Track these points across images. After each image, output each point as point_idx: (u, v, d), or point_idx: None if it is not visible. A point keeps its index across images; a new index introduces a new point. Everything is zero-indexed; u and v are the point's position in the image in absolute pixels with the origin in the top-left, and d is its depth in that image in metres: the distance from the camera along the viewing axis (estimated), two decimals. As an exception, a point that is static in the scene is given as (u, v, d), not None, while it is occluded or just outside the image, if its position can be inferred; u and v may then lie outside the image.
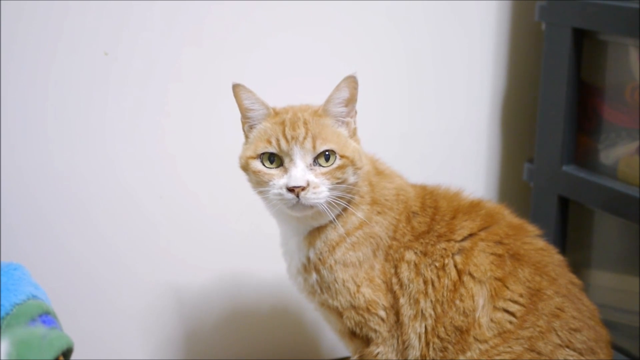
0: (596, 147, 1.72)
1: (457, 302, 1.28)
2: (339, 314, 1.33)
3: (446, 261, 1.30)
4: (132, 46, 1.58)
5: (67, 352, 1.06)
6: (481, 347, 1.26)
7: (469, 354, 1.26)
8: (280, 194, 1.24)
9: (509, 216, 1.38)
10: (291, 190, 1.22)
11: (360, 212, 1.30)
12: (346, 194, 1.28)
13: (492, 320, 1.27)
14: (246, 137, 1.33)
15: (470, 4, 1.81)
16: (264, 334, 1.81)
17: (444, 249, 1.31)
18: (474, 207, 1.37)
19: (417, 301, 1.30)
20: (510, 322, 1.26)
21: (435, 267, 1.30)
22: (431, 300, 1.29)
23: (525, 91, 1.91)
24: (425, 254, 1.32)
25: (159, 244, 1.69)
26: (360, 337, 1.34)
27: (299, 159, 1.24)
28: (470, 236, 1.32)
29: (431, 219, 1.34)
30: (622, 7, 1.53)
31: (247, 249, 1.73)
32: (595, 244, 1.79)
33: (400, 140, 1.82)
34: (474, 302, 1.27)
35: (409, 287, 1.31)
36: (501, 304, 1.27)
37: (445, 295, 1.29)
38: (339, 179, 1.26)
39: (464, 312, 1.27)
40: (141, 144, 1.63)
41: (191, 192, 1.68)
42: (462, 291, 1.28)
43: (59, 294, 1.40)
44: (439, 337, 1.28)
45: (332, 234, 1.31)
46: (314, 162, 1.25)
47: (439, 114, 1.85)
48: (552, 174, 1.74)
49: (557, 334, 1.26)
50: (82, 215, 1.62)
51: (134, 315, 1.71)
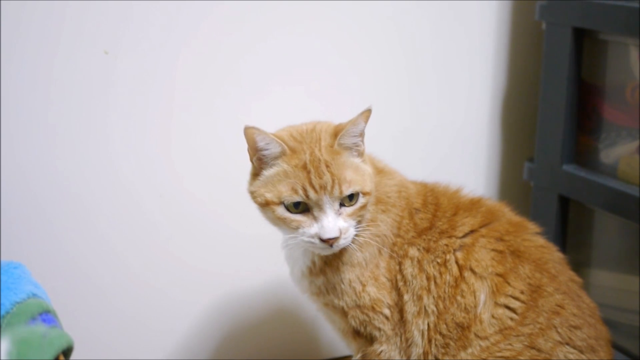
0: (596, 146, 1.71)
1: (459, 298, 1.28)
2: (343, 313, 1.33)
3: (448, 257, 1.30)
4: (132, 45, 1.57)
5: (68, 351, 1.06)
6: (482, 343, 1.26)
7: (469, 350, 1.26)
8: (312, 243, 1.23)
9: (509, 213, 1.39)
10: (324, 240, 1.21)
11: (367, 214, 1.30)
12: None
13: (493, 316, 1.27)
14: (255, 169, 1.28)
15: (470, 4, 1.81)
16: (264, 334, 1.80)
17: (446, 245, 1.31)
18: (475, 204, 1.37)
19: (420, 298, 1.30)
20: (511, 318, 1.26)
21: (437, 263, 1.30)
22: (434, 296, 1.29)
23: (525, 90, 1.91)
24: (428, 250, 1.32)
25: (159, 243, 1.69)
26: (364, 336, 1.34)
27: (329, 209, 1.22)
28: (471, 232, 1.32)
29: (433, 215, 1.34)
30: (623, 6, 1.53)
31: (247, 249, 1.73)
32: (595, 243, 1.79)
33: (400, 139, 1.82)
34: (476, 298, 1.27)
35: (413, 284, 1.31)
36: (502, 300, 1.27)
37: (447, 291, 1.29)
38: (362, 215, 1.26)
39: (466, 308, 1.28)
40: (141, 142, 1.62)
41: (191, 192, 1.68)
42: (464, 287, 1.28)
43: (58, 293, 1.39)
44: (441, 334, 1.28)
45: None
46: (340, 205, 1.24)
47: (439, 113, 1.85)
48: (552, 173, 1.74)
49: (557, 331, 1.26)
50: (82, 214, 1.62)
51: (134, 315, 1.70)
